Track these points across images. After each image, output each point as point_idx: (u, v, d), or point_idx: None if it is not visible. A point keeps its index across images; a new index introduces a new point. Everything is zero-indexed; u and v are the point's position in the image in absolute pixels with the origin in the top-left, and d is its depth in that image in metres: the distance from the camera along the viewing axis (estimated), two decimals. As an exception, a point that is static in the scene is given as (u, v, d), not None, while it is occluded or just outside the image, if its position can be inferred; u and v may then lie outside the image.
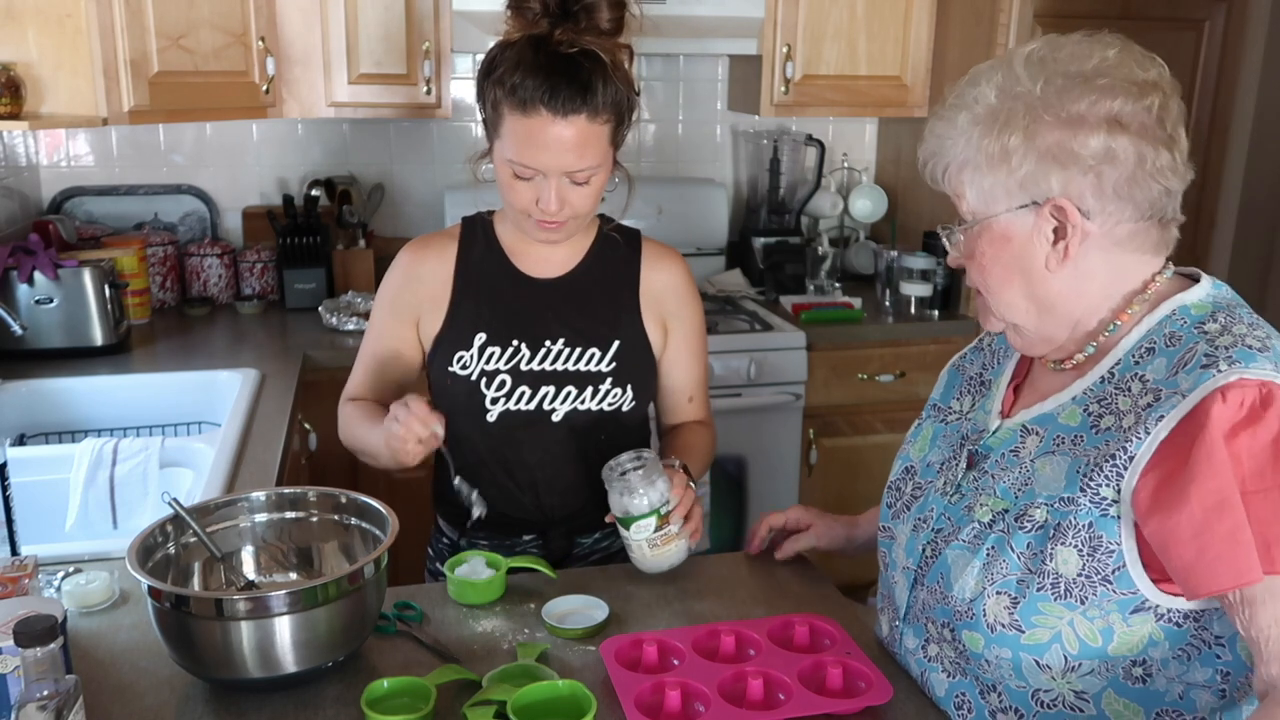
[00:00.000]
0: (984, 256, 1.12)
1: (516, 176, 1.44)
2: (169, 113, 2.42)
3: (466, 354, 1.55)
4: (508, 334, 1.55)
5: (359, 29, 2.70)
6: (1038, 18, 2.82)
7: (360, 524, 1.37)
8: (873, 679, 1.19)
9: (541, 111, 1.38)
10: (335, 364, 2.56)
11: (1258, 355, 0.99)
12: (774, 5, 2.90)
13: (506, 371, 1.54)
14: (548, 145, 1.40)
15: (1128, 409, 1.05)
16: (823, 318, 2.93)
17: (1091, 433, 1.08)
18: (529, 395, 1.55)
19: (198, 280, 2.97)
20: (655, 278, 1.62)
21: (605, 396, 1.57)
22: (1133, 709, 1.06)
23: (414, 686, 1.17)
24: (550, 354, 1.55)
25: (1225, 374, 0.98)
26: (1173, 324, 1.08)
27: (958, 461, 1.22)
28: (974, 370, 1.31)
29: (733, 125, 3.40)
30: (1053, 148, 1.04)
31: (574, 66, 1.39)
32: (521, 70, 1.38)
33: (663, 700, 1.16)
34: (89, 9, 2.17)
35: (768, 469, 2.88)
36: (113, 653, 1.28)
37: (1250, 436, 0.96)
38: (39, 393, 2.23)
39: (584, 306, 1.58)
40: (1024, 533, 1.08)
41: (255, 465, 1.83)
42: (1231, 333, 1.03)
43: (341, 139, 3.13)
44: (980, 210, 1.10)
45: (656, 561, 1.45)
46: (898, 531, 1.27)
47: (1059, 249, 1.07)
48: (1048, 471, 1.09)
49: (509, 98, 1.39)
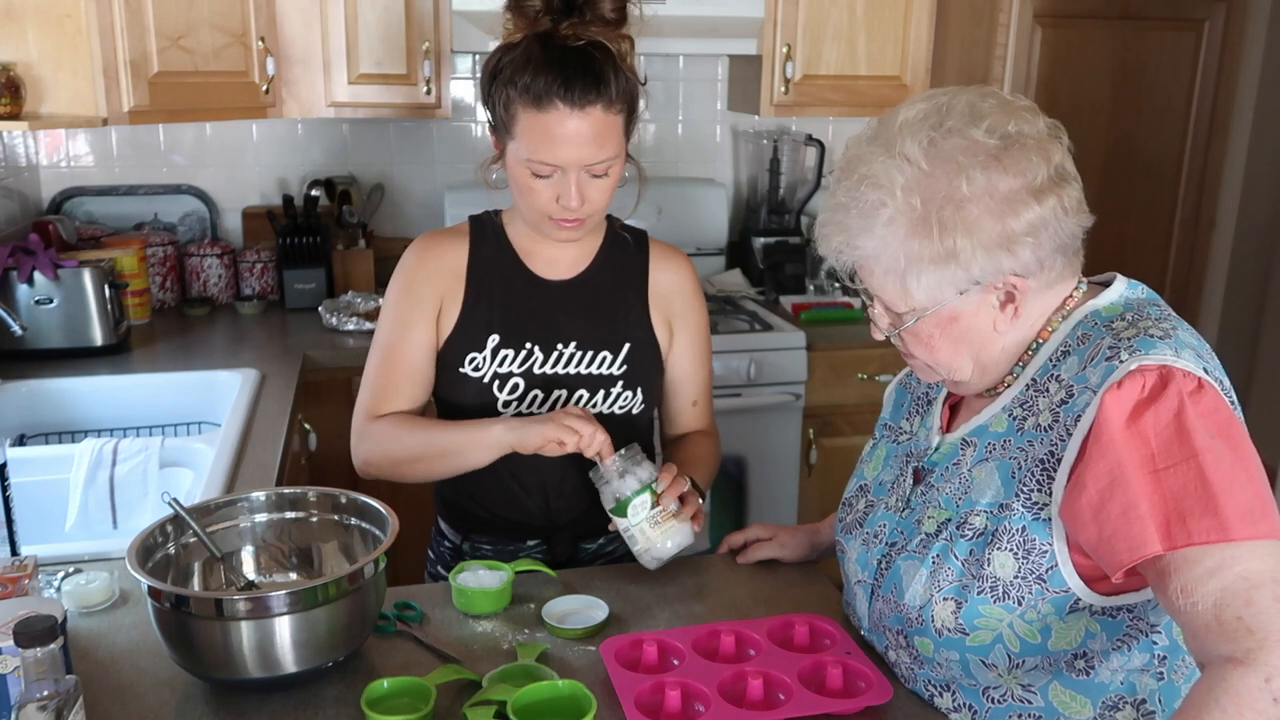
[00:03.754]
0: (930, 338, 1.13)
1: (535, 176, 1.42)
2: (169, 113, 2.42)
3: (479, 355, 1.53)
4: (521, 336, 1.54)
5: (359, 29, 2.70)
6: (1038, 18, 2.83)
7: (360, 524, 1.37)
8: (873, 679, 1.19)
9: (558, 105, 1.37)
10: (335, 364, 2.56)
11: (1158, 343, 1.03)
12: (774, 5, 2.90)
13: (520, 374, 1.53)
14: (567, 139, 1.38)
15: (1045, 408, 1.09)
16: (823, 318, 2.93)
17: (1017, 434, 1.12)
18: (541, 399, 1.54)
19: (198, 280, 2.97)
20: (662, 278, 1.61)
21: (617, 400, 1.56)
22: (1079, 700, 1.10)
23: (414, 686, 1.17)
24: (563, 357, 1.54)
25: (1126, 363, 1.01)
26: (1084, 326, 1.12)
27: (905, 478, 1.25)
28: (920, 389, 1.34)
29: (733, 125, 3.40)
30: (997, 237, 1.05)
31: (585, 58, 1.38)
32: (532, 67, 1.37)
33: (663, 700, 1.16)
34: (89, 9, 2.17)
35: (768, 469, 2.88)
36: (113, 653, 1.28)
37: (1153, 415, 0.99)
38: (39, 393, 2.23)
39: (595, 308, 1.57)
40: (965, 540, 1.12)
41: (255, 465, 1.83)
42: (1136, 326, 1.07)
43: (341, 139, 3.13)
44: (925, 304, 1.10)
45: (663, 542, 1.40)
46: (848, 546, 1.30)
47: (1007, 312, 1.11)
48: (982, 478, 1.13)
49: (523, 96, 1.38)
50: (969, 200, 1.05)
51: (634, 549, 1.43)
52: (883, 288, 1.13)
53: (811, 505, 2.94)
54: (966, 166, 1.05)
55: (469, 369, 1.53)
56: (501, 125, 1.44)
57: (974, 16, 2.92)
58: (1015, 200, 1.05)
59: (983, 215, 1.05)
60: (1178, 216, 3.44)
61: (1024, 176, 1.05)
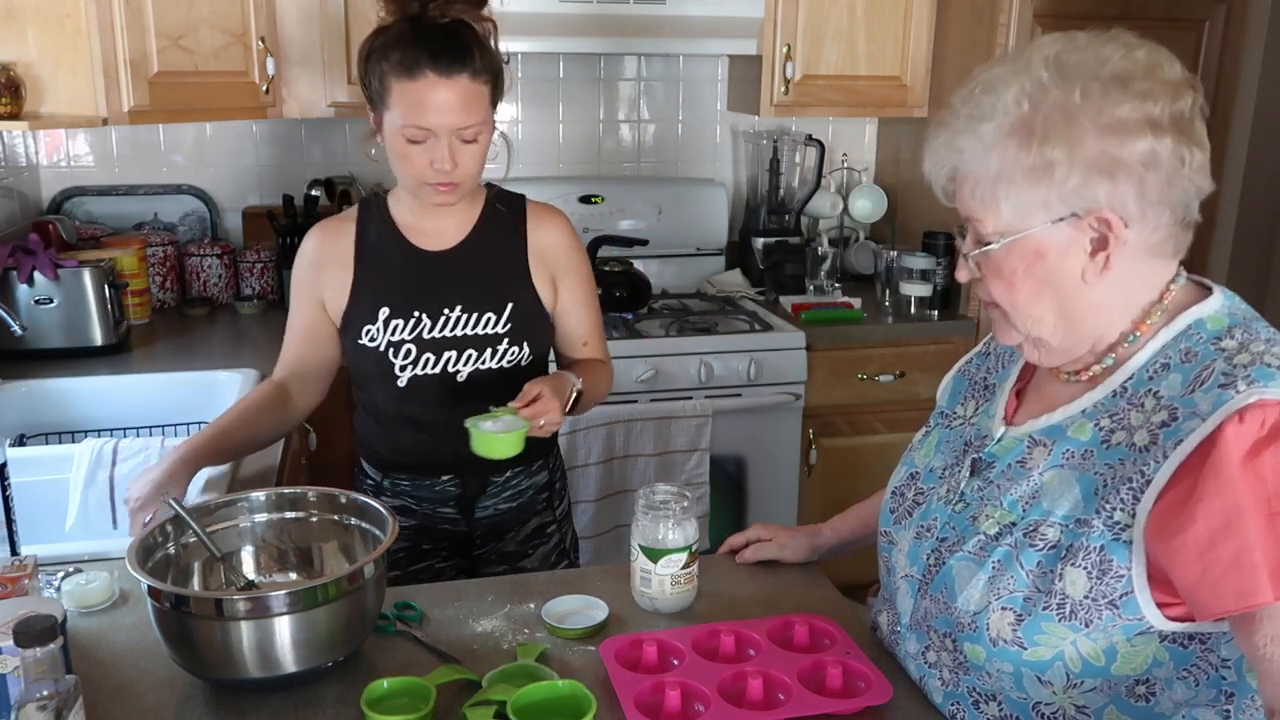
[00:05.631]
0: (1013, 274, 1.06)
1: (410, 141, 1.55)
2: (169, 113, 2.42)
3: (373, 327, 1.67)
4: (408, 306, 1.67)
5: (359, 29, 2.69)
6: (1038, 18, 2.82)
7: (360, 524, 1.37)
8: (873, 679, 1.19)
9: (428, 74, 1.51)
10: (335, 364, 2.56)
11: (1278, 374, 0.97)
12: (774, 5, 2.90)
13: (411, 341, 1.67)
14: (437, 105, 1.52)
15: (1140, 424, 1.03)
16: (823, 318, 2.93)
17: (1103, 448, 1.05)
18: (434, 361, 1.68)
19: (197, 280, 2.97)
20: (541, 237, 1.74)
21: (504, 355, 1.70)
22: None
23: (414, 686, 1.17)
24: (450, 321, 1.68)
25: (1245, 394, 0.96)
26: (1188, 339, 1.05)
27: (961, 468, 1.20)
28: (979, 375, 1.29)
29: (733, 125, 3.40)
30: (1098, 158, 0.99)
31: (452, 34, 1.54)
32: (403, 43, 1.52)
33: (663, 700, 1.16)
34: (89, 9, 2.16)
35: (768, 469, 2.88)
36: (113, 653, 1.28)
37: (1274, 455, 0.93)
38: (39, 393, 2.23)
39: (477, 274, 1.70)
40: (1034, 550, 1.06)
41: (255, 465, 1.83)
42: (1249, 350, 1.01)
43: (341, 139, 3.13)
44: (1013, 226, 1.04)
45: (674, 600, 1.40)
46: (899, 538, 1.25)
47: (1098, 260, 1.03)
48: (1058, 486, 1.07)
49: (396, 69, 1.52)
50: (1080, 113, 0.99)
51: (640, 588, 1.41)
52: (972, 201, 1.06)
53: (811, 505, 2.94)
54: (1087, 79, 1.00)
55: (366, 340, 1.68)
56: (377, 98, 1.57)
57: (974, 16, 2.92)
58: (1130, 126, 0.98)
59: (1089, 131, 0.99)
60: (1178, 216, 3.44)
61: (1145, 105, 0.99)
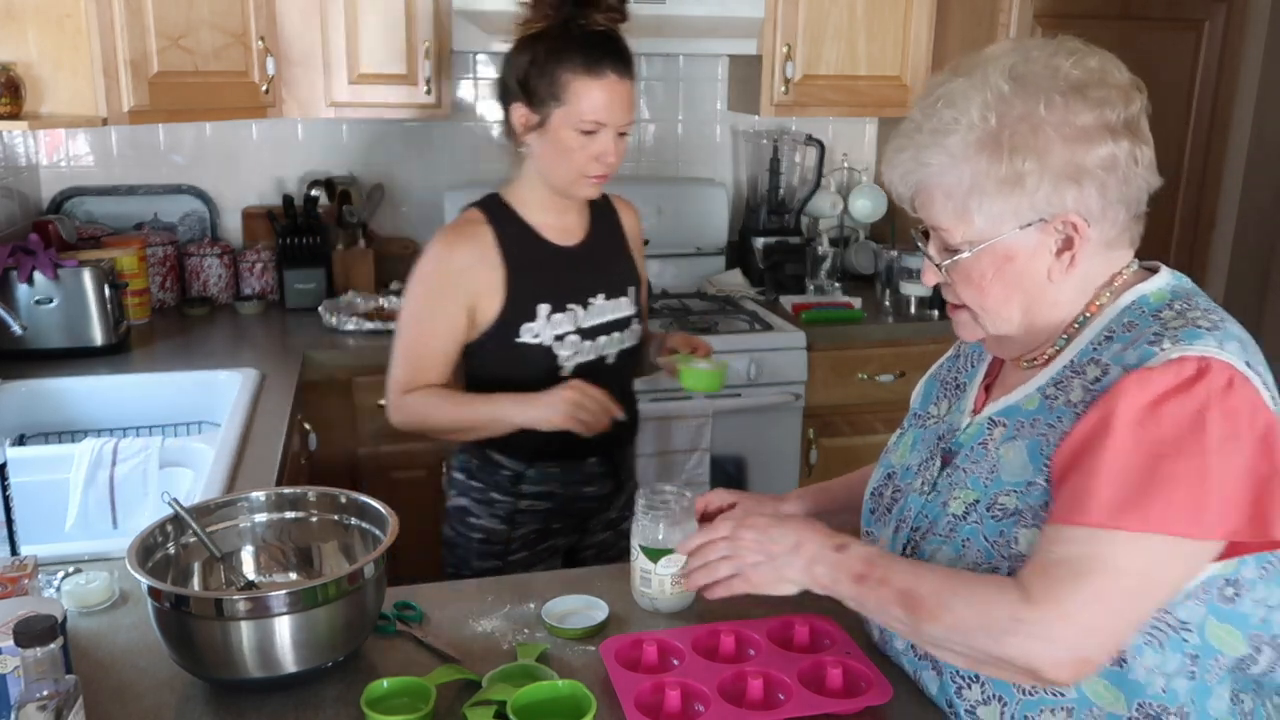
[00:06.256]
0: (983, 278, 1.11)
1: (582, 133, 1.69)
2: (169, 113, 2.42)
3: (533, 324, 1.78)
4: (563, 300, 1.80)
5: (359, 29, 2.70)
6: (1038, 18, 2.83)
7: (360, 524, 1.37)
8: (873, 679, 1.19)
9: (608, 74, 1.68)
10: (335, 364, 2.56)
11: (1204, 334, 1.02)
12: (774, 5, 2.90)
13: (573, 332, 1.81)
14: (618, 101, 1.69)
15: (1079, 385, 1.08)
16: (823, 318, 2.93)
17: (1047, 412, 1.10)
18: (591, 347, 1.83)
19: (197, 280, 2.97)
20: (628, 224, 1.96)
21: (635, 332, 1.91)
22: (1113, 692, 1.07)
23: (414, 686, 1.17)
24: (597, 309, 1.84)
25: (1167, 351, 1.01)
26: (1131, 313, 1.10)
27: (934, 461, 1.23)
28: (949, 376, 1.33)
29: (733, 125, 3.40)
30: (1066, 166, 1.04)
31: (616, 39, 1.71)
32: (579, 44, 1.67)
33: (663, 700, 1.16)
34: (89, 9, 2.16)
35: (768, 469, 2.88)
36: (113, 653, 1.28)
37: (1177, 405, 0.98)
38: (39, 393, 2.23)
39: (606, 262, 1.88)
40: (995, 521, 1.10)
41: (255, 465, 1.83)
42: (1185, 317, 1.06)
43: (341, 139, 3.13)
44: (984, 234, 1.09)
45: (674, 600, 1.39)
46: (880, 535, 1.28)
47: (1064, 259, 1.09)
48: (1010, 457, 1.11)
49: (578, 66, 1.67)
50: (1045, 124, 1.04)
51: (640, 588, 1.41)
52: (943, 214, 1.10)
53: (811, 505, 2.93)
54: (1048, 91, 1.04)
55: (528, 338, 1.78)
56: (548, 96, 1.69)
57: (974, 16, 2.92)
58: (1091, 133, 1.04)
59: (1055, 141, 1.04)
60: (1177, 217, 3.45)
61: (1103, 112, 1.04)
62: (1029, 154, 1.04)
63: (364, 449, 2.62)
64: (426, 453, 2.59)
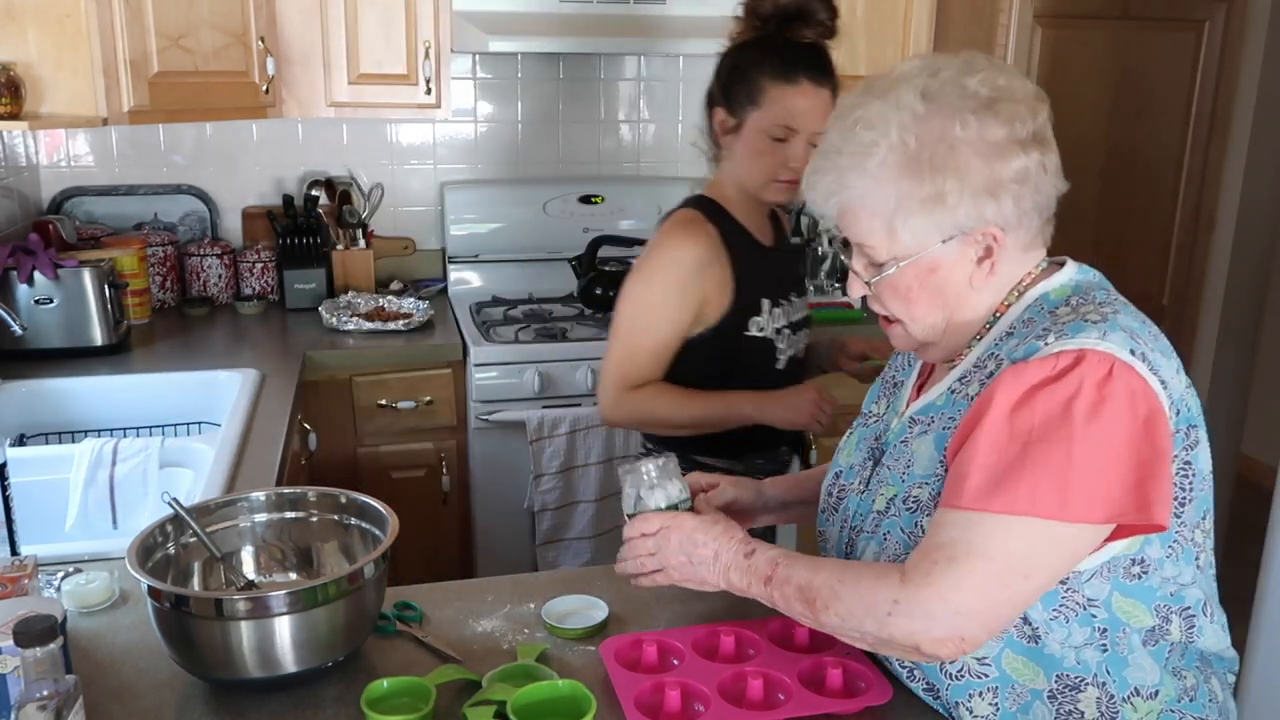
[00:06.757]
0: (909, 290, 1.15)
1: (775, 139, 1.74)
2: (169, 113, 2.42)
3: (759, 319, 1.85)
4: (777, 295, 1.88)
5: (359, 29, 2.69)
6: (1037, 18, 2.83)
7: (360, 524, 1.37)
8: (872, 679, 1.20)
9: (803, 81, 1.73)
10: (335, 364, 2.56)
11: (1089, 326, 1.05)
12: (774, 5, 2.90)
13: (787, 326, 1.89)
14: (809, 107, 1.73)
15: (978, 382, 1.13)
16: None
17: (951, 407, 1.16)
18: (796, 340, 1.93)
19: (198, 280, 2.97)
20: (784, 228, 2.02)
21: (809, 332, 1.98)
22: (1031, 668, 1.11)
23: (414, 686, 1.18)
24: (796, 305, 1.94)
25: (1050, 345, 1.04)
26: (1032, 310, 1.14)
27: (869, 461, 1.27)
28: (890, 375, 1.37)
29: (733, 125, 3.39)
30: (984, 181, 1.08)
31: (819, 51, 1.78)
32: (781, 53, 1.74)
33: (663, 700, 1.16)
34: (89, 9, 2.16)
35: (768, 469, 2.88)
36: (113, 653, 1.28)
37: (1049, 394, 1.02)
38: (39, 393, 2.23)
39: (791, 262, 1.99)
40: (910, 514, 1.15)
41: (255, 465, 1.83)
42: (1077, 311, 1.09)
43: (341, 139, 3.13)
44: (909, 250, 1.12)
45: None
46: (829, 534, 1.32)
47: (984, 267, 1.13)
48: (921, 451, 1.17)
49: (776, 73, 1.73)
50: (962, 143, 1.07)
51: None
52: (869, 232, 1.14)
53: (811, 505, 2.93)
54: (961, 110, 1.08)
55: (754, 331, 1.84)
56: (746, 99, 1.76)
57: (974, 16, 2.92)
58: (1004, 148, 1.08)
59: (972, 158, 1.07)
60: (1178, 217, 3.44)
61: (1012, 127, 1.08)
62: (949, 173, 1.08)
63: (364, 449, 2.62)
64: (427, 453, 2.59)
